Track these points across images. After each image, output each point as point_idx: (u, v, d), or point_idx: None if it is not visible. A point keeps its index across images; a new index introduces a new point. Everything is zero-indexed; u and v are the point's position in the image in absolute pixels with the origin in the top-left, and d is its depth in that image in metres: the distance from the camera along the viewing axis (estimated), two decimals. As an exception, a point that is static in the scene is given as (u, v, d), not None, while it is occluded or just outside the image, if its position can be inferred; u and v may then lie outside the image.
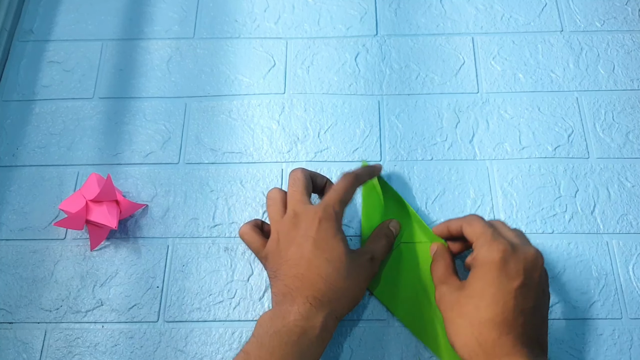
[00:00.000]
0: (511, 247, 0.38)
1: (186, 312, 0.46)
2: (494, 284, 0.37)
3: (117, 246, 0.48)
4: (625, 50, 0.55)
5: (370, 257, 0.42)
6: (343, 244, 0.41)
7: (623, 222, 0.48)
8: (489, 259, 0.38)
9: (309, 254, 0.40)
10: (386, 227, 0.46)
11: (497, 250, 0.38)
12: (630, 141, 0.51)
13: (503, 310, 0.36)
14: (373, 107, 0.54)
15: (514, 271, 0.37)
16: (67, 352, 0.45)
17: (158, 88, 0.55)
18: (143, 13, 0.59)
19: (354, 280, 0.40)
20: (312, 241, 0.40)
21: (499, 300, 0.36)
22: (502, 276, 0.37)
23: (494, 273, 0.37)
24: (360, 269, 0.41)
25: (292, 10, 0.59)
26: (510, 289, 0.37)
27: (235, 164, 0.51)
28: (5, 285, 0.47)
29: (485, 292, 0.37)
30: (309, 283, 0.39)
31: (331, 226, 0.41)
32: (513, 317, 0.36)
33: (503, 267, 0.37)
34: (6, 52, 0.57)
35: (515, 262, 0.37)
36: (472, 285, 0.38)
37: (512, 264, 0.37)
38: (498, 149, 0.51)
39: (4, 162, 0.52)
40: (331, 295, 0.39)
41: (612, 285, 0.46)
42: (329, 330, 0.39)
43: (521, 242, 0.40)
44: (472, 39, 0.57)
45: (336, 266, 0.40)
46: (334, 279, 0.39)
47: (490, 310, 0.36)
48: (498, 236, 0.39)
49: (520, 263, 0.37)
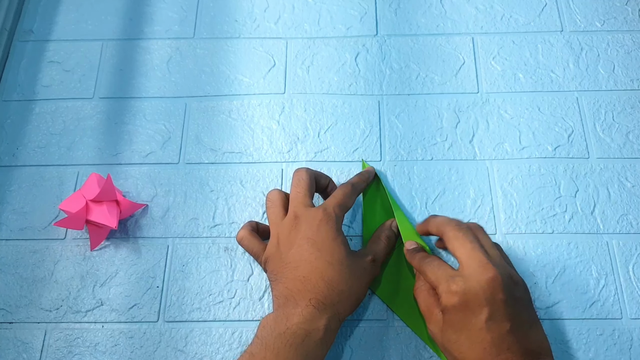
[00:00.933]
0: (464, 284, 0.37)
1: (186, 312, 0.46)
2: (464, 328, 0.37)
3: (117, 246, 0.48)
4: (625, 50, 0.55)
5: (371, 258, 0.42)
6: (344, 246, 0.41)
7: (623, 222, 0.48)
8: (449, 306, 0.37)
9: (310, 256, 0.40)
10: (387, 227, 0.46)
11: (453, 294, 0.37)
12: (630, 141, 0.51)
13: (484, 347, 0.36)
14: (373, 107, 0.54)
15: (475, 306, 0.36)
16: (67, 352, 0.45)
17: (158, 88, 0.55)
18: (143, 13, 0.59)
19: (355, 281, 0.40)
20: (312, 243, 0.40)
21: (475, 340, 0.36)
22: (467, 317, 0.37)
23: (459, 317, 0.37)
24: (361, 270, 0.41)
25: (292, 10, 0.59)
26: (481, 325, 0.36)
27: (235, 164, 0.51)
28: (5, 285, 0.47)
29: (460, 338, 0.37)
30: (311, 286, 0.39)
31: (331, 228, 0.41)
32: (496, 347, 0.36)
33: (464, 309, 0.37)
34: (6, 52, 0.57)
35: (473, 297, 0.36)
36: (447, 331, 0.38)
37: (471, 301, 0.36)
38: (498, 149, 0.51)
39: (4, 162, 0.52)
40: (334, 297, 0.39)
41: (612, 285, 0.46)
42: (332, 333, 0.39)
43: (486, 257, 0.38)
44: (472, 39, 0.57)
45: (337, 268, 0.40)
46: (336, 281, 0.39)
47: (474, 353, 0.36)
48: (452, 276, 0.38)
49: (479, 296, 0.36)
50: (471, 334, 0.36)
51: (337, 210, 0.42)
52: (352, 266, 0.40)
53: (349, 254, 0.41)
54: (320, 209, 0.42)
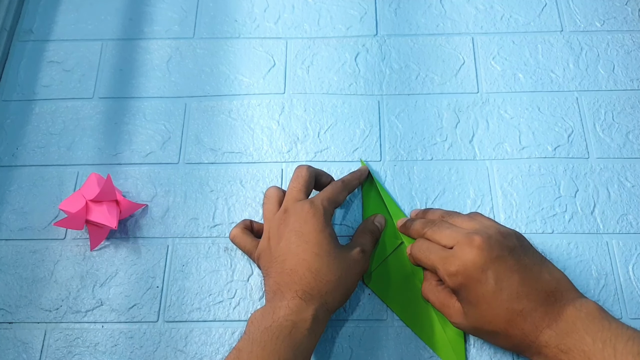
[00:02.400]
0: (459, 261, 0.38)
1: (186, 312, 0.46)
2: (480, 299, 0.38)
3: (117, 246, 0.48)
4: (625, 50, 0.55)
5: (360, 249, 0.42)
6: (331, 238, 0.41)
7: (623, 222, 0.48)
8: (456, 287, 0.39)
9: (297, 249, 0.40)
10: (371, 222, 0.46)
11: (454, 275, 0.38)
12: (630, 141, 0.51)
13: (505, 307, 0.37)
14: (373, 107, 0.54)
15: (479, 275, 0.38)
16: (67, 352, 0.45)
17: (158, 88, 0.55)
18: (143, 13, 0.59)
19: (344, 272, 0.40)
20: (299, 235, 0.40)
21: (495, 305, 0.37)
22: (477, 288, 0.38)
23: (470, 291, 0.38)
24: (350, 261, 0.41)
25: (292, 10, 0.59)
26: (493, 289, 0.37)
27: (235, 164, 0.51)
28: (5, 285, 0.47)
29: (482, 312, 0.38)
30: (297, 277, 0.39)
31: (318, 220, 0.41)
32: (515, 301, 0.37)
33: (470, 282, 0.38)
34: (6, 52, 0.57)
35: (472, 268, 0.38)
36: (469, 313, 0.39)
37: (473, 273, 0.38)
38: (498, 149, 0.51)
39: (4, 162, 0.52)
40: (321, 287, 0.39)
41: (612, 285, 0.46)
42: (321, 323, 0.39)
43: (466, 232, 0.40)
44: (472, 39, 0.57)
45: (325, 259, 0.40)
46: (323, 272, 0.39)
47: (500, 317, 0.37)
48: (446, 257, 0.39)
49: (477, 265, 0.38)
50: (489, 301, 0.37)
51: (325, 204, 0.42)
52: (340, 257, 0.40)
53: (336, 246, 0.41)
54: (307, 202, 0.42)
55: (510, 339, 0.38)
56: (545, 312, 0.36)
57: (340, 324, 0.45)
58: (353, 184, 0.47)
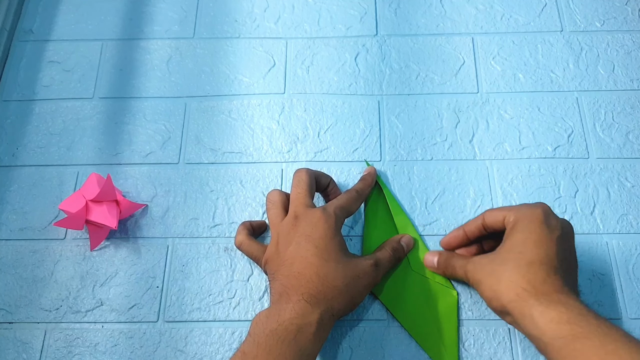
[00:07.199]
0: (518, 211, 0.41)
1: (186, 312, 0.46)
2: (537, 232, 0.39)
3: (117, 246, 0.48)
4: (625, 50, 0.55)
5: (374, 262, 0.42)
6: (341, 246, 0.41)
7: (623, 222, 0.48)
8: (530, 214, 0.40)
9: (306, 252, 0.40)
10: (396, 240, 0.46)
11: (538, 207, 0.40)
12: (630, 141, 0.51)
13: (548, 253, 0.38)
14: (373, 107, 0.54)
15: (554, 224, 0.39)
16: (67, 352, 0.45)
17: (158, 88, 0.55)
18: (143, 13, 0.59)
19: (352, 280, 0.40)
20: (309, 240, 0.40)
21: (543, 245, 0.38)
22: (544, 227, 0.39)
23: (536, 224, 0.39)
24: (360, 271, 0.41)
25: (292, 10, 0.59)
26: (552, 237, 0.39)
27: (235, 164, 0.51)
28: (5, 285, 0.47)
29: (528, 240, 0.39)
30: (304, 280, 0.39)
31: (330, 227, 0.41)
32: (558, 261, 0.38)
33: (545, 220, 0.39)
34: (6, 52, 0.57)
35: (554, 218, 0.40)
36: (511, 239, 0.40)
37: (552, 219, 0.40)
38: (498, 149, 0.51)
39: (4, 162, 0.52)
40: (327, 292, 0.39)
41: (612, 285, 0.46)
42: (326, 328, 0.39)
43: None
44: (472, 39, 0.57)
45: (333, 265, 0.40)
46: (331, 277, 0.39)
47: (536, 253, 0.38)
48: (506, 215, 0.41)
49: (558, 220, 0.40)
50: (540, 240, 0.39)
51: (337, 212, 0.42)
52: (349, 265, 0.40)
53: (346, 254, 0.41)
54: (320, 209, 0.42)
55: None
56: (562, 282, 0.38)
57: (340, 323, 0.45)
58: (366, 193, 0.47)
